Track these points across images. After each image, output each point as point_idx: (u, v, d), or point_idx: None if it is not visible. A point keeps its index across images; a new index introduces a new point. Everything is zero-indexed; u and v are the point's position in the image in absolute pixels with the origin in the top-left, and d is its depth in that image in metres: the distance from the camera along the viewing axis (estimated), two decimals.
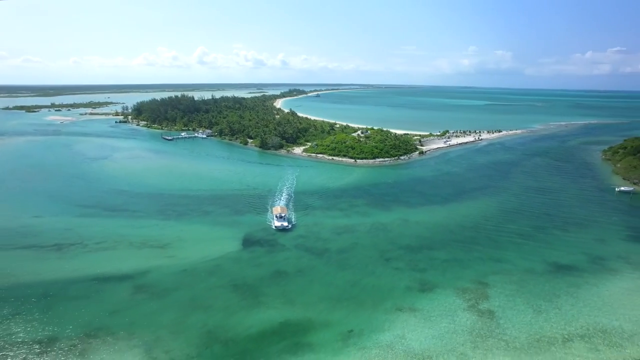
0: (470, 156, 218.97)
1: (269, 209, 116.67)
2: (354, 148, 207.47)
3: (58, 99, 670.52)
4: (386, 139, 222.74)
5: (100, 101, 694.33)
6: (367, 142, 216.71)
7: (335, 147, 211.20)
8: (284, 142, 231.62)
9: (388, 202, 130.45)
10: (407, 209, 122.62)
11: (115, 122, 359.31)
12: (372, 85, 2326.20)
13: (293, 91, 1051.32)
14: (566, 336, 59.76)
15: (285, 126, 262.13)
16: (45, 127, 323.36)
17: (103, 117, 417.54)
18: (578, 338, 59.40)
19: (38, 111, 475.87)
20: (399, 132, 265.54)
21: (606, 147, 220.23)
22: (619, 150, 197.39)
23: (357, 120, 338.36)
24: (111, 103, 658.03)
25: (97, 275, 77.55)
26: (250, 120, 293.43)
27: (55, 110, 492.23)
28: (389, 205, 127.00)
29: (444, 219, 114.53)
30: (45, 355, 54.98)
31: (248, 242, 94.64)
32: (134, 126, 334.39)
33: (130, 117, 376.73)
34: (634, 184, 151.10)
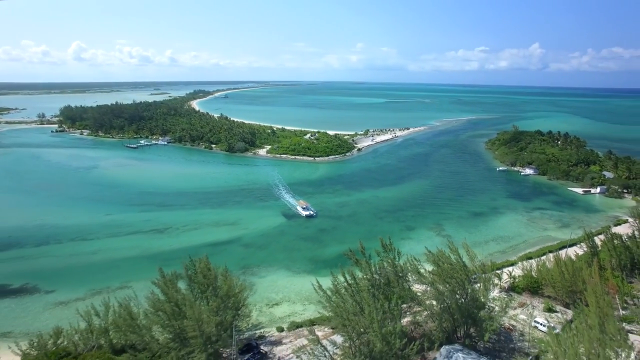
0: (395, 151, 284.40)
1: (280, 197, 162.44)
2: (310, 148, 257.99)
3: None
4: (332, 140, 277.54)
5: None
6: (319, 143, 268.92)
7: (294, 149, 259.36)
8: (247, 145, 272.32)
9: (357, 186, 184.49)
10: (373, 190, 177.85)
11: (52, 131, 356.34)
12: (268, 83, 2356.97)
13: (199, 92, 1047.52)
14: (483, 240, 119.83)
15: (238, 130, 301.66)
16: None
17: (25, 126, 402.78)
18: (491, 241, 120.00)
19: None
20: (331, 132, 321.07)
21: (486, 140, 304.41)
22: (496, 142, 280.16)
23: (284, 122, 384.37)
24: (4, 109, 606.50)
25: (209, 243, 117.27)
26: (202, 127, 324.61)
27: None
28: (359, 188, 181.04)
29: (400, 194, 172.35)
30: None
31: (288, 217, 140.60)
32: (79, 135, 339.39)
33: (65, 125, 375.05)
34: (507, 165, 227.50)
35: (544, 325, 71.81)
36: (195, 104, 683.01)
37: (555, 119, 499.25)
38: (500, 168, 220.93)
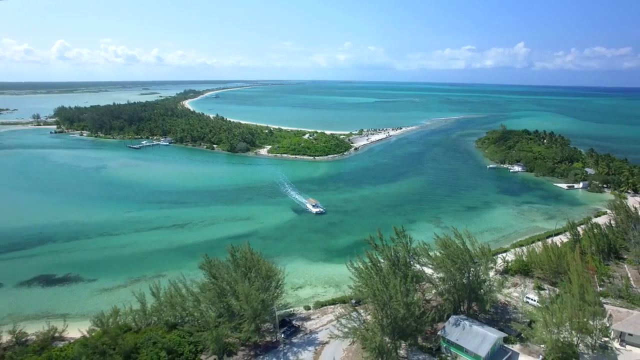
0: (390, 150, 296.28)
1: (288, 194, 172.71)
2: (310, 148, 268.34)
3: None
4: (330, 140, 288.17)
5: None
6: (317, 142, 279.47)
7: (294, 148, 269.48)
8: (248, 145, 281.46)
9: (358, 183, 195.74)
10: (374, 186, 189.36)
11: (51, 132, 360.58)
12: (256, 82, 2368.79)
13: (189, 92, 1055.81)
14: (478, 231, 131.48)
15: (238, 131, 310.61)
16: None
17: (21, 127, 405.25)
18: (485, 231, 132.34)
19: None
20: (327, 132, 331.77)
21: (476, 138, 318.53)
22: (485, 140, 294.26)
23: (279, 123, 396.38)
24: None
25: (228, 236, 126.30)
26: (202, 128, 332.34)
27: None
28: (360, 184, 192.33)
29: (398, 190, 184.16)
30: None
31: (298, 212, 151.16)
32: (78, 136, 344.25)
33: (64, 126, 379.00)
34: (497, 162, 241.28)
35: (535, 300, 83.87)
36: (187, 104, 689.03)
37: (540, 118, 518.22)
38: (491, 165, 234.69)
